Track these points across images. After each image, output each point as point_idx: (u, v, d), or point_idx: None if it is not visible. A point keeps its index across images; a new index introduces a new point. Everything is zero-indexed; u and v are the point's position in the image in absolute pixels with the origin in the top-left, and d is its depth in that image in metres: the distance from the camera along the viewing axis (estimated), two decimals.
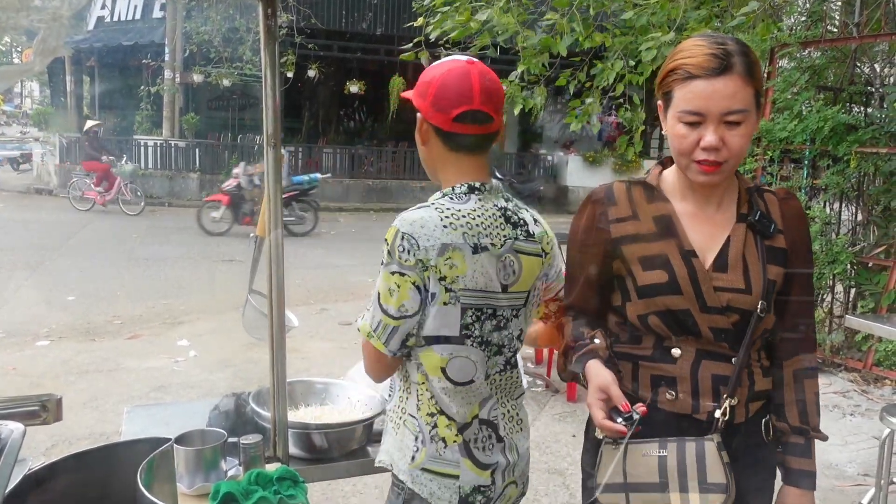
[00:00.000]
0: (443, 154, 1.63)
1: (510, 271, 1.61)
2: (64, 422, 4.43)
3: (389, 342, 1.56)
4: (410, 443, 1.63)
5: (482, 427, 1.64)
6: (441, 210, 1.55)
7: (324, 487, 3.66)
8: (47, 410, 1.12)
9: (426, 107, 1.59)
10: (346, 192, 17.34)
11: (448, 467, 1.61)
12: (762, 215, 1.57)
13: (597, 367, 1.52)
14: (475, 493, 1.63)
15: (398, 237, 1.52)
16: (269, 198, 1.88)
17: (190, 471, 1.70)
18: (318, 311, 7.42)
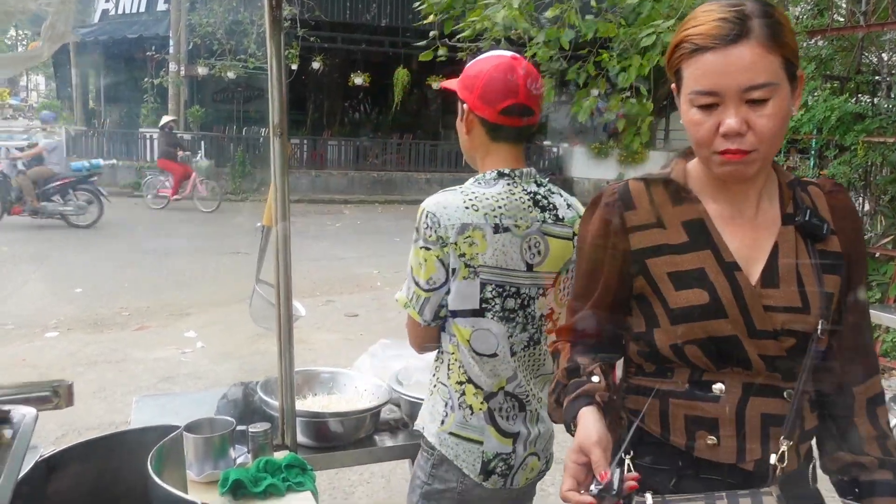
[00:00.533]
0: (485, 143, 1.72)
1: (536, 251, 1.69)
2: (73, 412, 4.46)
3: (423, 312, 1.68)
4: (441, 408, 1.74)
5: (507, 398, 1.72)
6: (465, 193, 1.66)
7: (331, 476, 3.68)
8: (59, 396, 1.13)
9: (473, 99, 1.68)
10: (351, 185, 17.35)
11: (473, 433, 1.71)
12: (811, 214, 1.31)
13: (587, 417, 1.23)
14: (497, 460, 1.71)
15: (424, 215, 1.64)
16: (276, 187, 1.89)
17: (199, 458, 1.72)
18: (324, 303, 7.44)
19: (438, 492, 1.74)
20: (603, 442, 1.18)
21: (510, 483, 1.74)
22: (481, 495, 1.73)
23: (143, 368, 5.40)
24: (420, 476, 1.78)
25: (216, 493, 1.66)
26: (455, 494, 1.73)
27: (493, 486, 1.72)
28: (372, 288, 8.33)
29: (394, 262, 9.57)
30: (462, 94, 1.71)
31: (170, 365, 5.49)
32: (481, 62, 1.70)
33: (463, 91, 1.71)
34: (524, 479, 1.78)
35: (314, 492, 1.72)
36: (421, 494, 1.77)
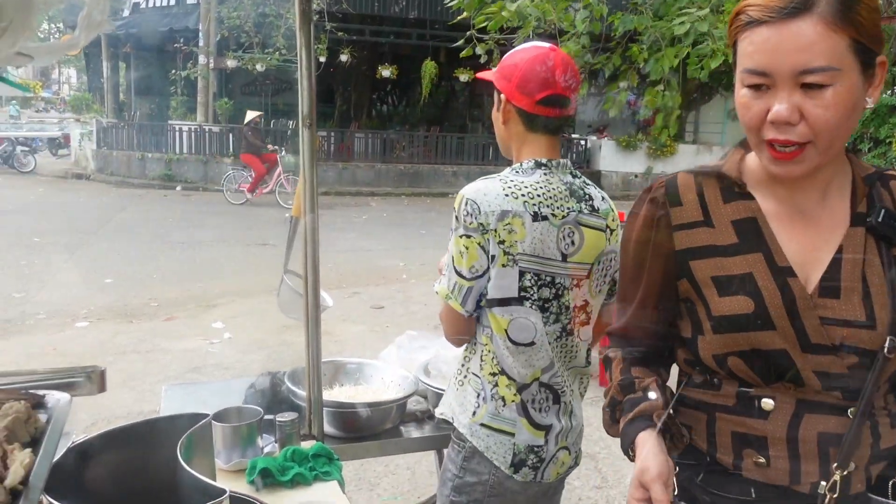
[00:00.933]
0: (521, 133, 1.72)
1: (570, 241, 1.68)
2: (103, 401, 4.53)
3: (466, 302, 1.66)
4: (472, 399, 1.72)
5: (541, 389, 1.72)
6: (504, 181, 1.66)
7: (356, 467, 3.70)
8: (92, 381, 1.14)
9: (511, 89, 1.68)
10: (377, 177, 17.38)
11: (505, 425, 1.70)
12: (888, 214, 1.13)
13: (646, 446, 1.16)
14: (528, 452, 1.71)
15: (463, 203, 1.63)
16: (305, 179, 1.89)
17: (227, 447, 1.73)
18: (350, 295, 7.47)
19: (470, 484, 1.73)
20: (664, 475, 1.12)
21: (541, 476, 1.73)
22: (513, 488, 1.72)
23: (172, 358, 5.46)
24: (451, 469, 1.77)
25: (244, 482, 1.67)
26: (487, 487, 1.72)
27: (523, 478, 1.71)
28: (398, 280, 8.35)
29: (420, 255, 9.58)
30: (499, 84, 1.71)
31: (198, 355, 5.55)
32: (520, 52, 1.71)
33: (501, 81, 1.71)
34: (555, 474, 1.77)
35: (341, 481, 1.73)
36: (453, 487, 1.76)
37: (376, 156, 17.91)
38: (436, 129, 19.35)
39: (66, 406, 1.03)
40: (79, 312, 6.58)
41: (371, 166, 17.43)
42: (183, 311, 6.81)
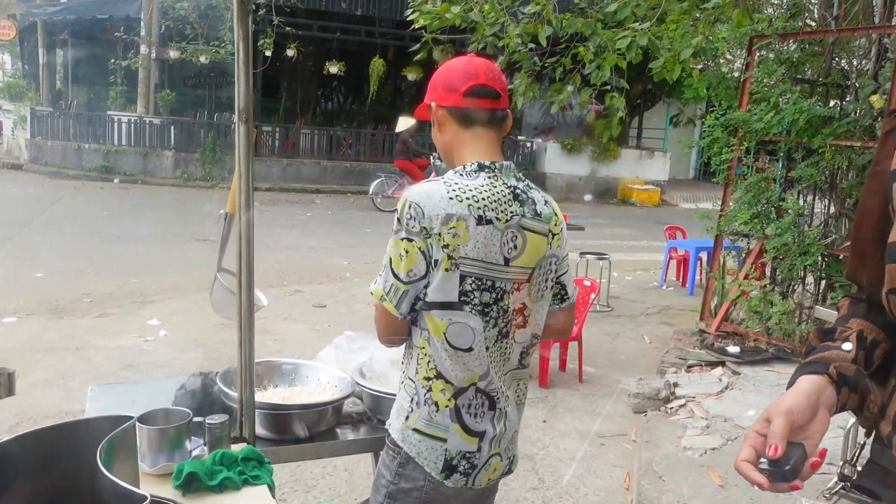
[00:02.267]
0: (458, 134, 1.72)
1: (513, 245, 1.66)
2: (30, 399, 4.36)
3: (400, 305, 1.64)
4: (406, 404, 1.71)
5: (477, 395, 1.69)
6: (449, 184, 1.63)
7: (292, 469, 3.64)
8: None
9: (438, 94, 1.72)
10: (323, 174, 17.21)
11: (438, 430, 1.68)
12: None
13: (799, 386, 1.04)
14: (460, 458, 1.69)
15: (406, 206, 1.60)
16: (241, 174, 1.85)
17: (153, 450, 1.67)
18: (292, 293, 7.37)
19: (405, 491, 1.71)
20: (793, 413, 0.99)
21: (472, 483, 1.72)
22: (447, 494, 1.71)
23: (104, 356, 5.30)
24: (385, 475, 1.75)
25: (170, 486, 1.62)
26: (423, 493, 1.70)
27: (454, 484, 1.70)
28: (341, 279, 8.28)
29: (364, 254, 9.52)
30: (428, 98, 1.76)
31: (132, 353, 5.40)
32: (439, 69, 1.78)
33: (428, 95, 1.76)
34: (486, 480, 1.75)
35: (271, 485, 1.69)
36: (387, 494, 1.74)
37: (322, 153, 17.72)
38: (383, 128, 19.24)
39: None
40: (7, 307, 6.33)
41: (317, 163, 17.24)
42: (117, 308, 6.61)
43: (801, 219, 5.77)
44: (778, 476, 0.96)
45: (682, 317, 7.27)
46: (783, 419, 0.98)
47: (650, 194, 18.98)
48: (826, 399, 1.04)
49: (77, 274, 7.76)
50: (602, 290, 6.89)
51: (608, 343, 6.38)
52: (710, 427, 4.30)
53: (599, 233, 12.38)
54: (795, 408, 1.00)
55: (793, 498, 3.43)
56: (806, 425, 1.01)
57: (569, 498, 3.66)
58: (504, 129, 1.75)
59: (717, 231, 6.35)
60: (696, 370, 5.42)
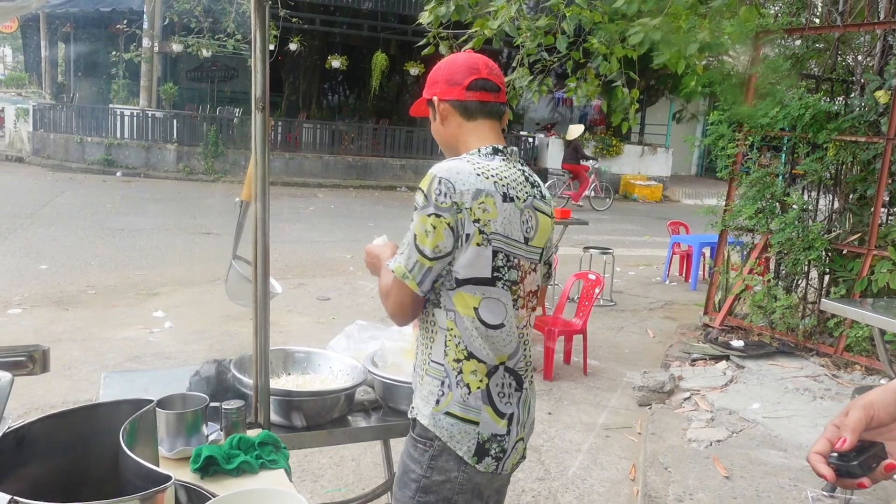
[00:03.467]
0: (462, 126, 1.75)
1: (530, 225, 1.72)
2: (37, 390, 4.38)
3: (423, 283, 1.64)
4: (435, 388, 1.69)
5: (507, 374, 1.70)
6: (472, 163, 1.66)
7: (300, 459, 3.66)
8: (34, 361, 1.09)
9: (440, 88, 1.75)
10: (325, 168, 17.22)
11: (470, 413, 1.67)
12: None
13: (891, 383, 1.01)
14: (491, 441, 1.68)
15: (435, 181, 1.60)
16: (256, 162, 1.86)
17: (171, 434, 1.69)
18: (296, 286, 7.39)
19: (438, 483, 1.69)
20: (872, 406, 0.95)
21: (502, 468, 1.72)
22: (479, 483, 1.70)
23: (110, 347, 5.32)
24: (415, 469, 1.72)
25: (188, 470, 1.63)
26: (455, 485, 1.69)
27: (485, 469, 1.69)
28: (344, 272, 8.29)
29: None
30: (429, 92, 1.78)
31: (137, 344, 5.41)
32: (438, 64, 1.82)
33: (429, 90, 1.78)
34: (511, 465, 1.76)
35: (287, 469, 1.70)
36: (418, 489, 1.71)
37: (324, 147, 17.73)
38: (385, 122, 19.25)
39: (7, 385, 0.99)
40: (11, 299, 6.35)
41: (319, 157, 17.25)
42: (122, 300, 6.63)
43: (805, 214, 5.78)
44: (843, 471, 0.91)
45: (685, 311, 7.28)
46: (860, 412, 0.95)
47: (652, 190, 18.98)
48: None
49: (81, 266, 7.78)
50: (605, 285, 6.90)
51: (612, 337, 6.39)
52: (715, 420, 4.32)
53: (602, 228, 12.39)
54: (877, 402, 0.96)
55: (798, 488, 3.45)
56: (892, 423, 0.96)
57: (575, 489, 3.67)
58: (502, 123, 1.81)
59: (722, 226, 6.35)
60: (701, 364, 5.43)
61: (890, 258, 5.06)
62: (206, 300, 6.68)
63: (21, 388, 4.16)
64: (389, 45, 18.19)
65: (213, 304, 6.47)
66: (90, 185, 14.04)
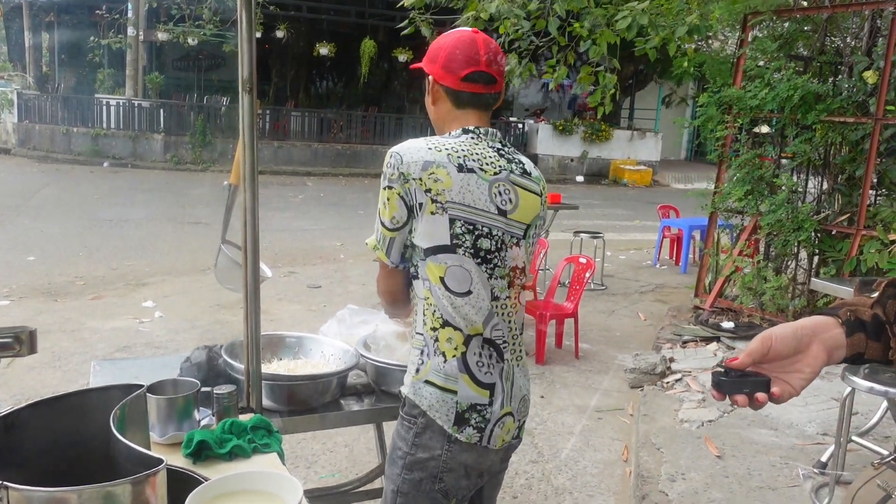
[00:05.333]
0: (451, 112, 1.79)
1: (507, 199, 1.73)
2: (27, 381, 4.35)
3: (390, 253, 1.72)
4: (415, 358, 1.73)
5: (484, 345, 1.71)
6: (429, 140, 1.72)
7: (293, 446, 3.66)
8: (21, 342, 1.08)
9: (437, 70, 1.76)
10: (314, 157, 17.14)
11: (447, 382, 1.68)
12: None
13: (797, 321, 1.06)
14: (471, 411, 1.69)
15: (389, 157, 1.68)
16: (245, 145, 1.84)
17: (162, 420, 1.68)
18: (286, 274, 7.36)
19: (422, 461, 1.70)
20: (771, 338, 1.01)
21: (487, 441, 1.70)
22: (466, 461, 1.71)
23: (99, 338, 5.29)
24: (401, 447, 1.73)
25: (180, 455, 1.62)
26: (440, 463, 1.69)
27: (467, 440, 1.68)
28: (335, 260, 8.27)
29: (357, 235, 9.50)
30: (427, 67, 1.80)
31: (127, 335, 5.39)
32: (444, 37, 1.80)
33: (428, 64, 1.79)
34: (500, 441, 1.74)
35: (280, 453, 1.69)
36: (404, 465, 1.72)
37: (313, 135, 17.65)
38: (374, 110, 19.17)
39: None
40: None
41: (308, 145, 17.17)
42: (111, 290, 6.59)
43: (794, 195, 5.79)
44: (718, 382, 1.01)
45: (675, 294, 7.30)
46: (758, 341, 1.02)
47: (642, 175, 19.01)
48: (828, 339, 1.03)
49: (69, 257, 7.73)
50: (596, 269, 6.91)
51: (603, 320, 6.41)
52: (707, 400, 4.34)
53: (592, 213, 12.41)
54: (777, 335, 1.02)
55: (789, 466, 3.48)
56: (793, 357, 1.02)
57: (568, 471, 3.69)
58: (495, 106, 1.83)
59: (712, 208, 6.37)
60: (692, 346, 5.45)
61: (878, 238, 5.08)
62: (196, 290, 6.65)
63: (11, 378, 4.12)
64: (378, 31, 18.08)
65: (203, 294, 6.44)
66: (77, 176, 13.93)
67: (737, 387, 1.00)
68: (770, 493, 3.29)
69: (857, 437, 3.43)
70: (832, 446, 3.39)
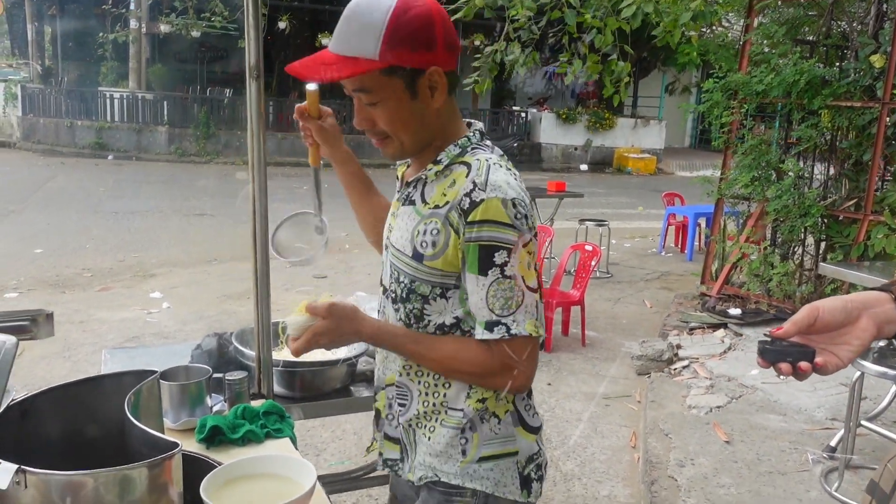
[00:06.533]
0: (451, 107, 1.38)
1: None
2: (37, 371, 4.37)
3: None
4: (452, 439, 1.38)
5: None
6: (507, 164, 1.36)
7: (303, 434, 3.67)
8: (38, 325, 1.09)
9: (439, 54, 1.29)
10: None
11: (506, 445, 1.39)
12: None
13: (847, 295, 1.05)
14: (530, 464, 1.41)
15: (516, 205, 1.26)
16: (252, 133, 1.84)
17: (175, 406, 1.68)
18: (293, 264, 7.36)
19: None
20: (818, 308, 0.99)
21: (541, 490, 1.45)
22: None
23: (108, 328, 5.31)
24: None
25: (193, 441, 1.63)
26: None
27: (535, 498, 1.42)
28: (340, 250, 8.27)
29: None
30: (418, 61, 1.27)
31: (136, 325, 5.41)
32: (410, 16, 1.26)
33: (419, 56, 1.27)
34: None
35: (293, 438, 1.70)
36: None
37: None
38: None
39: (13, 348, 0.98)
40: (7, 283, 6.33)
41: None
42: (118, 282, 6.61)
43: (801, 181, 5.77)
44: (762, 350, 1.00)
45: (681, 281, 7.30)
46: (805, 311, 1.00)
47: (646, 163, 18.96)
48: (879, 313, 1.01)
49: (76, 249, 7.75)
50: (602, 257, 6.91)
51: (609, 308, 6.41)
52: (715, 386, 4.34)
53: (596, 201, 12.38)
54: (824, 306, 1.00)
55: (798, 451, 3.48)
56: (841, 329, 1.00)
57: (576, 457, 3.70)
58: None
59: (718, 195, 6.35)
60: (699, 332, 5.45)
61: (886, 223, 5.06)
62: (203, 280, 6.67)
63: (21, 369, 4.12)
64: None
65: (210, 285, 6.46)
66: (82, 169, 13.95)
67: (781, 355, 0.99)
68: (779, 478, 3.29)
69: (867, 421, 3.43)
70: (841, 431, 3.39)
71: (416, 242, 1.35)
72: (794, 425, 3.84)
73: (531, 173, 16.23)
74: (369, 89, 1.31)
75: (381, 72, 1.27)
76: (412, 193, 1.43)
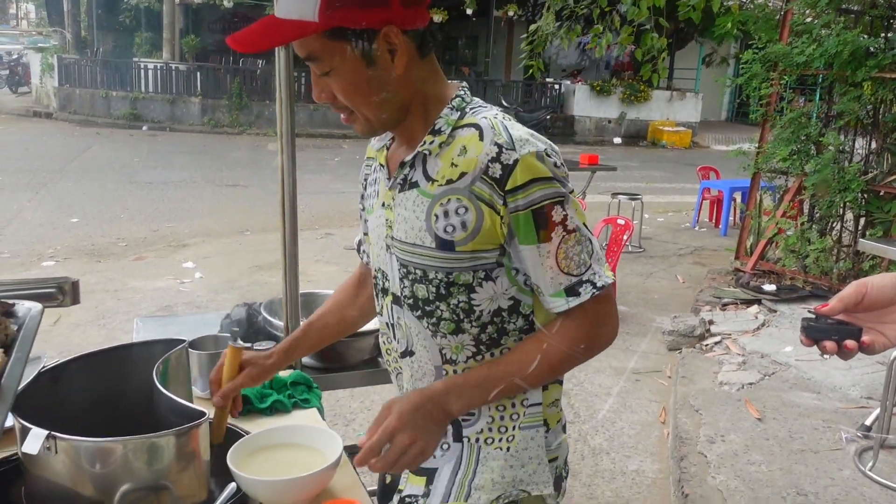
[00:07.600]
0: (419, 68, 1.16)
1: None
2: (72, 339, 4.46)
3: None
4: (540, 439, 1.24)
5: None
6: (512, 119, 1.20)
7: (332, 404, 3.70)
8: (64, 293, 1.09)
9: (396, 11, 1.08)
10: None
11: (559, 451, 1.29)
12: None
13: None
14: (565, 466, 1.31)
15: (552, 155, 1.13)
16: (282, 100, 1.83)
17: (203, 375, 1.70)
18: (323, 236, 7.41)
19: None
20: (866, 285, 0.95)
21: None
22: None
23: (142, 297, 5.39)
24: None
25: None
26: None
27: (562, 498, 1.32)
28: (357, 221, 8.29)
29: None
30: (369, 20, 1.08)
31: (168, 294, 5.48)
32: None
33: (370, 15, 1.08)
34: None
35: (320, 409, 1.71)
36: None
37: None
38: None
39: (38, 315, 0.98)
40: (44, 252, 6.45)
41: None
42: (152, 251, 6.70)
43: (841, 155, 5.62)
44: (806, 327, 0.96)
45: (715, 257, 7.19)
46: (853, 287, 0.95)
47: (681, 136, 18.65)
48: None
49: (111, 219, 7.86)
50: (634, 231, 6.82)
51: (641, 283, 6.34)
52: (747, 363, 4.29)
53: (630, 175, 12.23)
54: (873, 282, 0.96)
55: (832, 429, 3.43)
56: (890, 307, 0.96)
57: (605, 431, 3.68)
58: None
59: (755, 169, 6.22)
60: (731, 308, 5.38)
61: None
62: (235, 251, 6.73)
63: (57, 335, 4.21)
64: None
65: (242, 255, 6.51)
66: (117, 140, 14.11)
67: (825, 333, 0.95)
68: (812, 456, 3.25)
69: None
70: (877, 410, 3.33)
71: (438, 228, 1.14)
72: (829, 403, 3.78)
73: (564, 146, 16.06)
74: (317, 57, 1.11)
75: (327, 35, 1.08)
76: (411, 174, 1.18)
